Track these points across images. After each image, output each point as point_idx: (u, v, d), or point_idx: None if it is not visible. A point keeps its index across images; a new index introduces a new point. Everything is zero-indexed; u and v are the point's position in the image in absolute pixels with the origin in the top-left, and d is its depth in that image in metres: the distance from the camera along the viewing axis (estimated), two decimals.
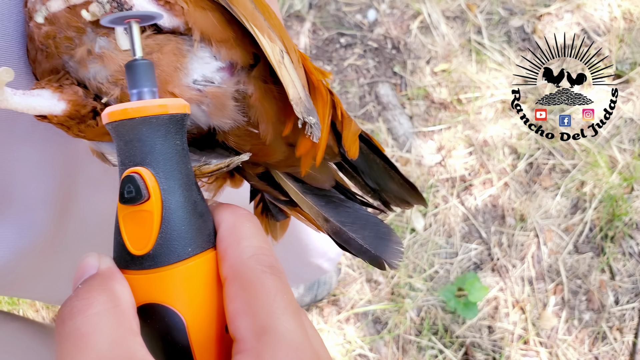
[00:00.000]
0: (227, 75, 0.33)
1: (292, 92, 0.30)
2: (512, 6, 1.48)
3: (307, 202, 0.40)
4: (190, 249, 0.26)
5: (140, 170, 0.26)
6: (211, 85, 0.32)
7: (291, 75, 0.31)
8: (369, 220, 0.40)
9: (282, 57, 0.31)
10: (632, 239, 1.29)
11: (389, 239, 0.39)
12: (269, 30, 0.31)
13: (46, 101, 0.32)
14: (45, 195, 0.45)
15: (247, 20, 0.30)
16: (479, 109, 1.39)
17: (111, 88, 0.32)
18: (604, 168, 1.32)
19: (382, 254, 0.38)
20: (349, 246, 0.39)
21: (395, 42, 1.46)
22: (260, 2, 0.32)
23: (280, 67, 0.30)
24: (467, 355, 1.22)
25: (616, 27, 1.43)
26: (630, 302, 1.25)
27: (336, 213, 0.40)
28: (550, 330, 1.23)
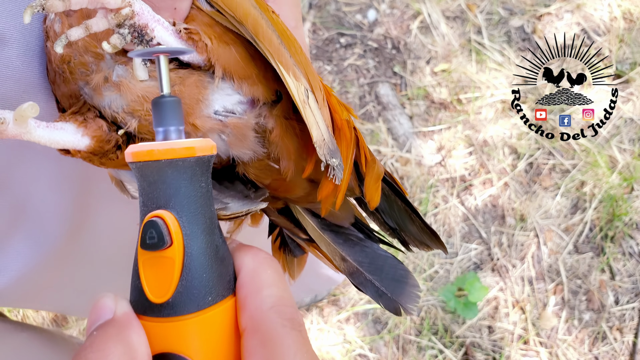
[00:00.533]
0: (249, 108, 0.32)
1: (316, 134, 0.30)
2: (512, 6, 1.48)
3: (325, 240, 0.39)
4: (211, 297, 0.25)
5: (163, 215, 0.25)
6: (232, 116, 0.31)
7: (315, 116, 0.30)
8: (387, 261, 0.39)
9: (307, 97, 0.30)
10: (632, 239, 1.29)
11: (406, 282, 0.38)
12: (294, 67, 0.30)
13: (70, 136, 0.31)
14: (61, 210, 0.45)
15: (273, 57, 0.29)
16: (479, 109, 1.39)
17: (127, 119, 0.31)
18: (604, 168, 1.32)
19: (399, 298, 0.37)
20: (365, 289, 0.38)
21: (395, 42, 1.46)
22: (286, 37, 0.32)
23: (305, 107, 0.30)
24: (467, 355, 1.22)
25: (616, 27, 1.43)
26: (630, 302, 1.25)
27: (354, 252, 0.39)
28: (550, 330, 1.23)
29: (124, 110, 0.31)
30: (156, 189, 0.25)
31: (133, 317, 0.25)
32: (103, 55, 0.30)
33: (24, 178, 0.40)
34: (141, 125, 0.31)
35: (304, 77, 0.31)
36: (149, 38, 0.28)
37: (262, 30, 0.29)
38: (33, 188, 0.41)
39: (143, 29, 0.28)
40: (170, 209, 0.25)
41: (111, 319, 0.25)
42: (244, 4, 0.30)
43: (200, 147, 0.26)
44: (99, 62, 0.30)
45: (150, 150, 0.25)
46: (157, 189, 0.25)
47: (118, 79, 0.30)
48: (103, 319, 0.25)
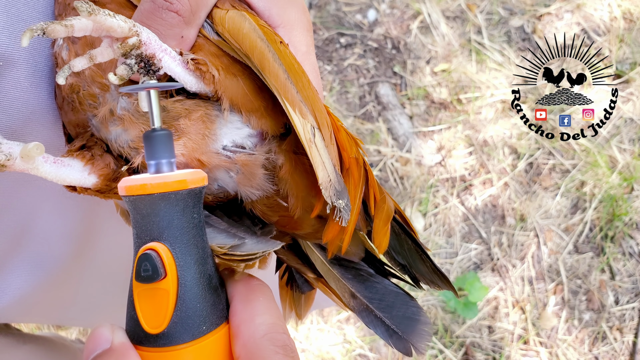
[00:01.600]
0: (259, 141, 0.31)
1: (322, 175, 0.29)
2: (512, 6, 1.48)
3: (334, 275, 0.37)
4: (205, 327, 0.26)
5: (157, 247, 0.25)
6: (241, 152, 0.31)
7: (322, 156, 0.29)
8: (398, 298, 0.38)
9: (314, 135, 0.29)
10: (632, 239, 1.29)
11: (417, 319, 0.37)
12: (300, 104, 0.30)
13: (77, 173, 0.31)
14: (67, 230, 0.45)
15: (279, 93, 0.29)
16: (479, 109, 1.39)
17: (132, 154, 0.31)
18: (604, 168, 1.32)
19: (410, 337, 0.36)
20: (375, 328, 0.37)
21: (395, 42, 1.46)
22: (293, 70, 0.31)
23: (311, 147, 0.29)
24: (467, 355, 1.22)
25: (616, 27, 1.43)
26: (630, 302, 1.25)
27: (364, 288, 0.37)
28: (550, 330, 1.23)
29: (129, 146, 0.31)
30: (149, 221, 0.26)
31: (130, 346, 0.25)
32: (108, 87, 0.30)
33: (31, 199, 0.40)
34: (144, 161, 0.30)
35: (310, 114, 0.30)
36: (155, 68, 0.28)
37: (269, 64, 0.29)
38: (39, 209, 0.41)
39: (150, 59, 0.27)
40: (164, 240, 0.25)
41: (109, 349, 0.25)
42: (251, 35, 0.29)
43: (192, 180, 0.26)
44: (104, 94, 0.30)
45: (143, 184, 0.25)
46: (150, 221, 0.26)
47: (122, 112, 0.30)
48: (101, 349, 0.25)
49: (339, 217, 0.29)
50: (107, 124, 0.30)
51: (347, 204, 0.29)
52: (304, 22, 0.35)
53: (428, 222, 1.32)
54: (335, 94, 1.42)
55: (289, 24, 0.33)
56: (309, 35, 0.35)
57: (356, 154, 0.34)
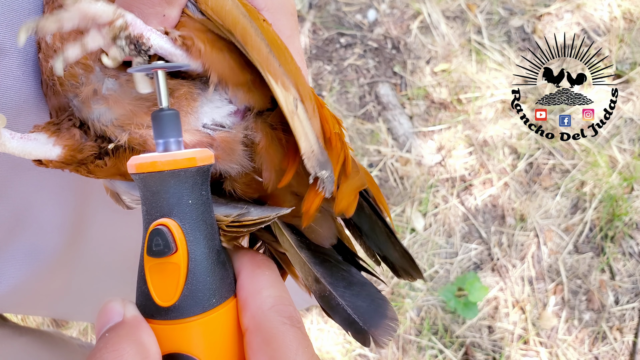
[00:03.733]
0: (238, 120, 0.32)
1: (305, 146, 0.29)
2: (512, 6, 1.48)
3: (300, 258, 0.36)
4: (215, 299, 0.26)
5: (167, 223, 0.26)
6: (221, 130, 0.31)
7: (304, 127, 0.30)
8: (364, 288, 0.36)
9: (296, 107, 0.30)
10: (632, 239, 1.29)
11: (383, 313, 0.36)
12: (283, 77, 0.30)
13: (41, 146, 0.31)
14: (61, 220, 0.45)
15: (262, 66, 0.29)
16: (479, 109, 1.39)
17: (117, 132, 0.31)
18: (604, 168, 1.32)
19: (372, 329, 0.35)
20: (334, 314, 0.35)
21: (395, 42, 1.46)
22: (276, 45, 0.31)
23: (293, 117, 0.29)
24: (467, 355, 1.22)
25: (616, 27, 1.43)
26: (630, 302, 1.25)
27: (330, 274, 0.36)
28: (550, 330, 1.23)
29: (113, 123, 0.31)
30: (159, 198, 0.26)
31: (142, 319, 0.26)
32: (93, 68, 0.30)
33: (25, 188, 0.40)
34: (132, 138, 0.31)
35: (293, 86, 0.30)
36: (146, 48, 0.28)
37: (251, 38, 0.29)
38: (33, 198, 0.41)
39: (139, 39, 0.28)
40: (174, 217, 0.26)
41: (121, 321, 0.25)
42: (233, 12, 0.30)
43: (200, 157, 0.27)
44: (88, 75, 0.30)
45: (154, 162, 0.26)
46: (161, 198, 0.26)
47: (107, 92, 0.30)
48: (113, 322, 0.25)
49: (322, 187, 0.29)
50: (90, 103, 0.31)
51: (331, 175, 0.29)
52: (287, 6, 0.35)
53: (428, 222, 1.32)
54: (335, 94, 1.42)
55: (273, 7, 0.34)
56: (293, 20, 0.36)
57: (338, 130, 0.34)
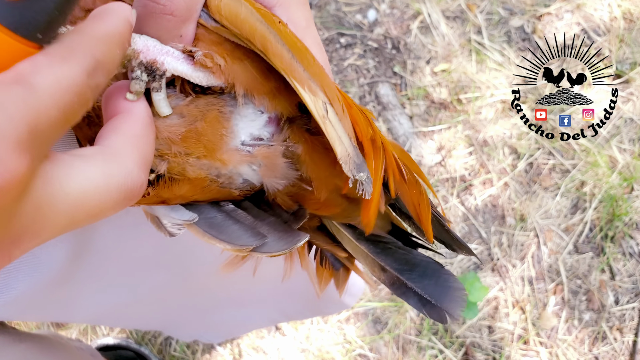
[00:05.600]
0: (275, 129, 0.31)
1: (340, 150, 0.28)
2: (512, 6, 1.48)
3: (363, 251, 0.37)
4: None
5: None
6: (260, 144, 0.31)
7: (337, 130, 0.28)
8: (428, 267, 0.37)
9: (326, 111, 0.29)
10: (632, 239, 1.29)
11: (450, 286, 0.37)
12: (309, 81, 0.29)
13: None
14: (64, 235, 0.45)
15: (287, 74, 0.28)
16: (479, 109, 1.39)
17: (157, 162, 0.30)
18: (604, 168, 1.32)
19: (444, 304, 0.36)
20: (408, 299, 0.36)
21: (395, 42, 1.46)
22: (297, 49, 0.30)
23: (325, 122, 0.28)
24: (467, 355, 1.22)
25: (616, 27, 1.43)
26: (630, 302, 1.25)
27: (393, 260, 0.37)
28: (550, 330, 1.23)
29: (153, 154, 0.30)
30: None
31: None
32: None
33: None
34: (171, 167, 0.30)
35: (320, 89, 0.29)
36: (160, 72, 0.27)
37: (272, 46, 0.28)
38: None
39: (152, 64, 0.27)
40: None
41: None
42: (249, 19, 0.29)
43: None
44: None
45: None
46: None
47: None
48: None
49: (362, 190, 0.28)
50: None
51: (369, 177, 0.29)
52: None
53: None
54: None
55: (285, 1, 0.33)
56: (307, 10, 0.35)
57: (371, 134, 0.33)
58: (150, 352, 1.17)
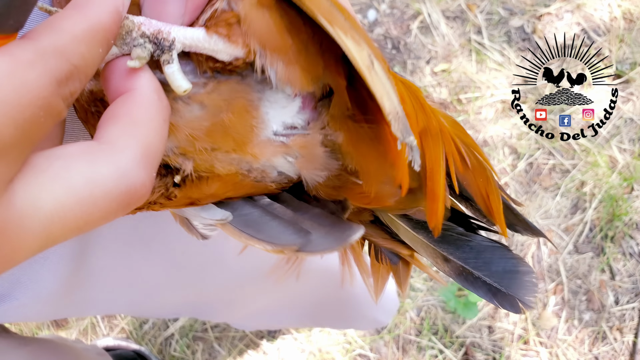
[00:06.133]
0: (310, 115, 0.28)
1: (388, 105, 0.24)
2: (512, 6, 1.48)
3: (422, 241, 0.33)
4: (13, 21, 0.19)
5: None
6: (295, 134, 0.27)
7: (384, 84, 0.24)
8: (495, 252, 0.33)
9: (372, 63, 0.25)
10: (632, 239, 1.29)
11: (518, 270, 0.33)
12: (352, 31, 0.25)
13: None
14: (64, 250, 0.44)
15: (327, 20, 0.24)
16: (479, 109, 1.39)
17: (181, 161, 0.27)
18: (604, 168, 1.32)
19: (515, 291, 0.32)
20: (477, 290, 0.33)
21: (395, 42, 1.46)
22: (335, 1, 0.26)
23: (371, 73, 0.24)
24: (467, 355, 1.22)
25: (616, 27, 1.43)
26: (630, 302, 1.25)
27: (456, 248, 0.33)
28: (550, 330, 1.23)
29: (174, 152, 0.27)
30: None
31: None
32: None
33: None
34: (197, 165, 0.27)
35: (364, 41, 0.25)
36: (168, 42, 0.24)
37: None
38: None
39: (157, 34, 0.24)
40: None
41: None
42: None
43: None
44: None
45: None
46: None
47: None
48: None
49: (411, 158, 0.24)
50: None
51: (416, 145, 0.25)
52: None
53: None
54: None
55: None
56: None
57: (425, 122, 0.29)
58: (150, 352, 1.17)
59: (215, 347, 1.23)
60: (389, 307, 0.95)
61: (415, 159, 0.24)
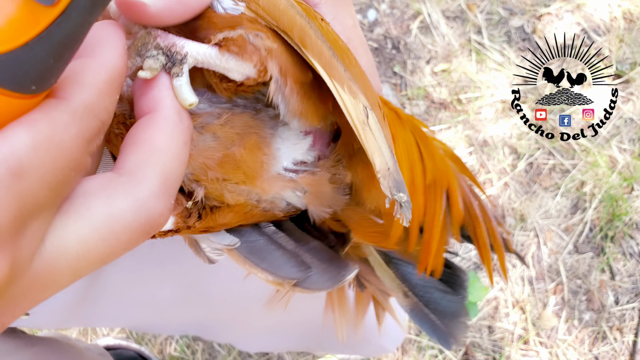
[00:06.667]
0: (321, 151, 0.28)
1: (379, 162, 0.24)
2: (512, 6, 1.48)
3: (391, 274, 0.35)
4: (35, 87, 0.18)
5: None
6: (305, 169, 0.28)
7: (377, 139, 0.25)
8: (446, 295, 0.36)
9: (367, 117, 0.25)
10: (632, 239, 1.29)
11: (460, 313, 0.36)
12: (349, 82, 0.25)
13: None
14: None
15: (325, 71, 0.25)
16: (479, 109, 1.39)
17: (194, 187, 0.28)
18: (604, 168, 1.32)
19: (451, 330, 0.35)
20: (422, 325, 0.35)
21: (395, 42, 1.46)
22: (338, 47, 0.27)
23: (365, 129, 0.24)
24: (467, 355, 1.22)
25: (616, 27, 1.43)
26: (630, 302, 1.25)
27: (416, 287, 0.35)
28: (550, 330, 1.23)
29: (189, 178, 0.28)
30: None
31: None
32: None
33: None
34: (209, 192, 0.28)
35: (361, 92, 0.26)
36: (181, 56, 0.24)
37: (311, 40, 0.25)
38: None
39: (171, 47, 0.24)
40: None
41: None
42: (289, 12, 0.25)
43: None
44: None
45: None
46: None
47: None
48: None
49: (400, 214, 0.24)
50: None
51: (409, 200, 0.24)
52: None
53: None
54: None
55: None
56: (352, 8, 0.32)
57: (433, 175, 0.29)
58: (150, 352, 1.17)
59: (215, 347, 1.23)
60: (395, 335, 0.95)
61: (405, 215, 0.24)
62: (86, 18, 0.18)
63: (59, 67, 0.18)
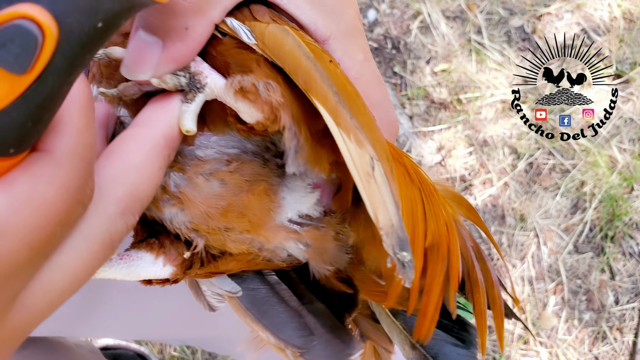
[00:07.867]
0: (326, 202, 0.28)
1: (383, 218, 0.22)
2: (512, 6, 1.48)
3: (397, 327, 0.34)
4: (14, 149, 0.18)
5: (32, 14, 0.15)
6: (309, 224, 0.28)
7: (382, 194, 0.23)
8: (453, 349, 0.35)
9: (372, 168, 0.23)
10: (632, 239, 1.29)
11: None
12: (356, 130, 0.24)
13: (149, 266, 0.28)
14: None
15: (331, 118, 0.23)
16: (479, 109, 1.39)
17: (193, 236, 0.28)
18: (604, 168, 1.32)
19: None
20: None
21: (395, 42, 1.46)
22: (346, 92, 0.25)
23: (369, 182, 0.23)
24: None
25: (616, 27, 1.43)
26: (630, 302, 1.25)
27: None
28: (550, 330, 1.23)
29: (188, 227, 0.27)
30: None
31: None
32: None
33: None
34: (209, 242, 0.28)
35: (369, 142, 0.24)
36: (200, 85, 0.24)
37: (316, 85, 0.24)
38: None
39: (197, 75, 0.24)
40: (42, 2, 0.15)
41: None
42: (295, 53, 0.25)
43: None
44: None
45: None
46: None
47: (177, 189, 0.26)
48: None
49: (402, 274, 0.23)
50: (159, 204, 0.27)
51: (412, 259, 0.23)
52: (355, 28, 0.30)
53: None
54: None
55: (340, 34, 0.29)
56: (364, 41, 0.31)
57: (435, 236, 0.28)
58: (150, 352, 1.17)
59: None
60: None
61: (408, 276, 0.23)
62: (65, 79, 0.18)
63: (38, 128, 0.18)
